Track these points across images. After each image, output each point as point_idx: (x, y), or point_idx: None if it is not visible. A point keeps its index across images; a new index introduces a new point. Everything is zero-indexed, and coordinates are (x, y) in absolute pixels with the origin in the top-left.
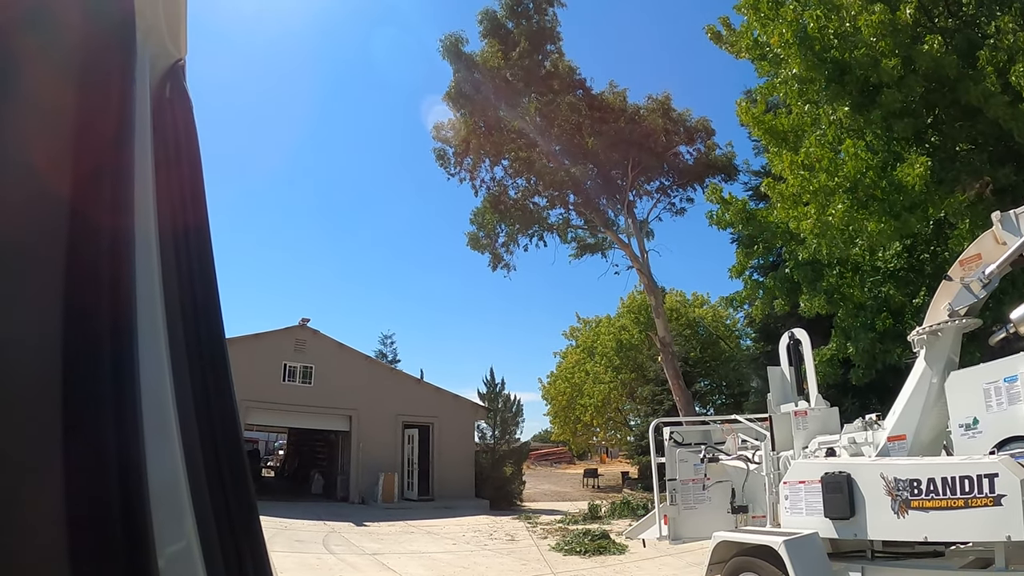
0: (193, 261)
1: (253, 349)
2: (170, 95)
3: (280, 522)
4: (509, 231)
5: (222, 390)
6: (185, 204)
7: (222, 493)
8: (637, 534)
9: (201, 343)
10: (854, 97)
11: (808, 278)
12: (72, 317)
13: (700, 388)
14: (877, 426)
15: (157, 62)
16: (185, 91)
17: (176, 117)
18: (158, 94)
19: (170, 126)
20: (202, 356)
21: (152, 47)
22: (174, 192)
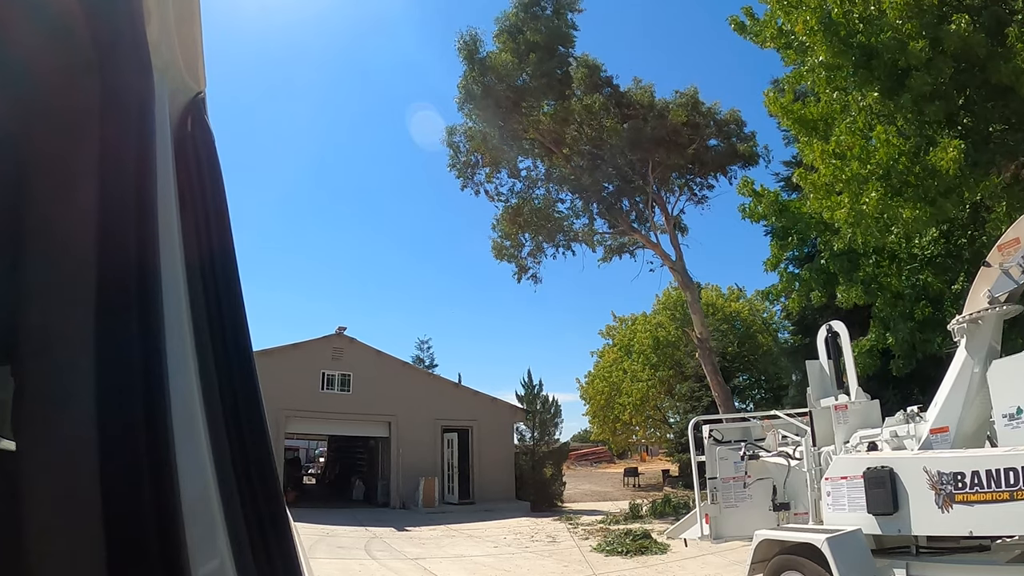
0: (220, 287)
1: (291, 359)
2: (191, 129)
3: (322, 529)
4: (535, 240)
5: (251, 404)
6: (211, 232)
7: (254, 507)
8: (678, 534)
9: (232, 373)
10: (883, 82)
11: (844, 268)
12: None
13: (739, 383)
14: (919, 418)
15: (177, 97)
16: (206, 123)
17: (198, 150)
18: (180, 129)
19: (192, 159)
20: (232, 381)
21: (171, 83)
22: (199, 222)
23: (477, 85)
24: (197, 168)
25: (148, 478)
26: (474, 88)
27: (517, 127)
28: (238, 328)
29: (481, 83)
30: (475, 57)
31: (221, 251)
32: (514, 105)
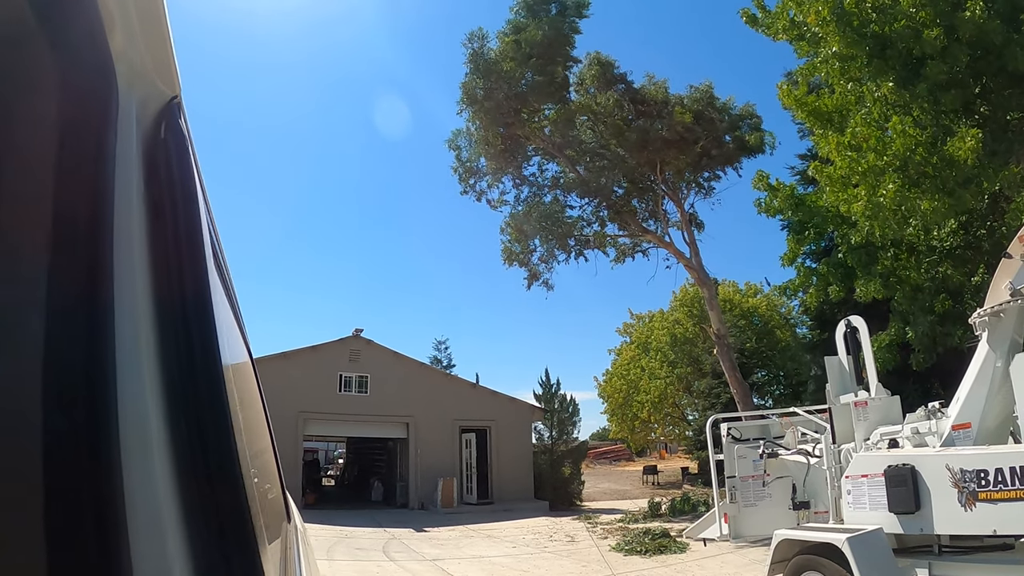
0: (188, 296)
1: (309, 361)
2: (164, 135)
3: (341, 530)
4: (545, 246)
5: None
6: (180, 239)
7: (216, 523)
8: (697, 533)
9: (198, 389)
10: (898, 72)
11: (862, 262)
12: (51, 393)
13: (757, 379)
14: (940, 414)
15: (148, 104)
16: (180, 128)
17: (171, 155)
18: (151, 136)
19: (163, 165)
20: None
21: (140, 90)
22: (170, 229)
23: (479, 88)
24: (168, 175)
25: (87, 488)
26: (476, 92)
27: (519, 133)
28: (206, 343)
29: (483, 87)
30: (479, 58)
31: (191, 257)
32: (515, 112)
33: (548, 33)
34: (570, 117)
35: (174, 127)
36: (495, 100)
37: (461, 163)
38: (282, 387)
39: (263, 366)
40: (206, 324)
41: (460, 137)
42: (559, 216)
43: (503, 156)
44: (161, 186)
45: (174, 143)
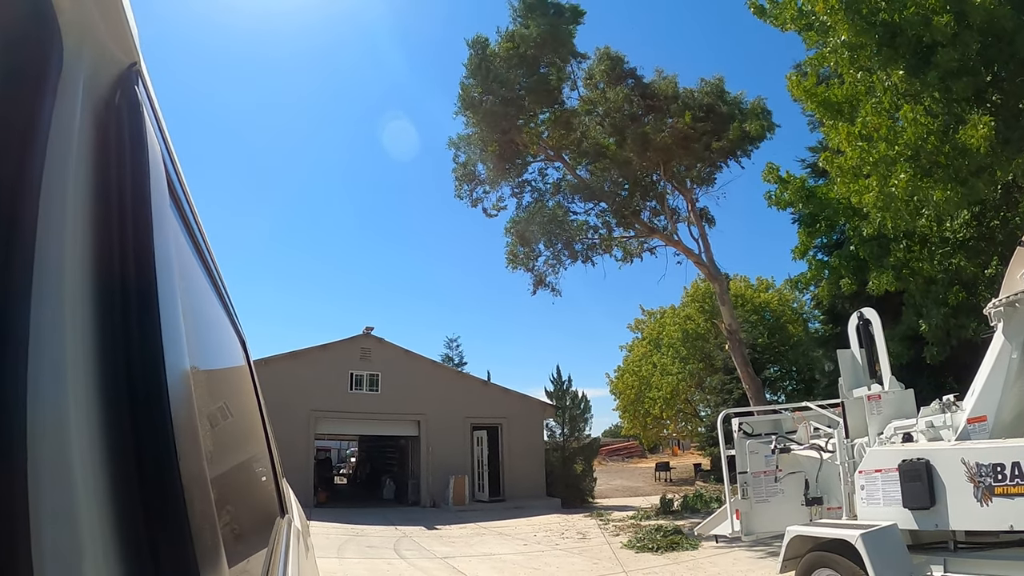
0: (128, 281)
1: (320, 360)
2: (119, 102)
3: (352, 528)
4: (550, 250)
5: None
6: (125, 217)
7: (145, 525)
8: (709, 530)
9: (135, 386)
10: (908, 60)
11: (874, 254)
12: None
13: (770, 375)
14: (955, 407)
15: (99, 71)
16: (135, 97)
17: (122, 128)
18: (101, 106)
19: (113, 139)
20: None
21: (89, 55)
22: (115, 206)
23: (476, 92)
24: (118, 143)
25: None
26: (473, 96)
27: (516, 140)
28: (146, 333)
29: (479, 90)
30: (477, 62)
31: (137, 237)
32: (512, 117)
33: (544, 31)
34: (567, 119)
35: (129, 96)
36: (492, 105)
37: (460, 166)
38: (293, 386)
39: (274, 365)
40: (148, 321)
41: (461, 142)
42: (563, 220)
43: (501, 163)
44: (108, 162)
45: (127, 114)
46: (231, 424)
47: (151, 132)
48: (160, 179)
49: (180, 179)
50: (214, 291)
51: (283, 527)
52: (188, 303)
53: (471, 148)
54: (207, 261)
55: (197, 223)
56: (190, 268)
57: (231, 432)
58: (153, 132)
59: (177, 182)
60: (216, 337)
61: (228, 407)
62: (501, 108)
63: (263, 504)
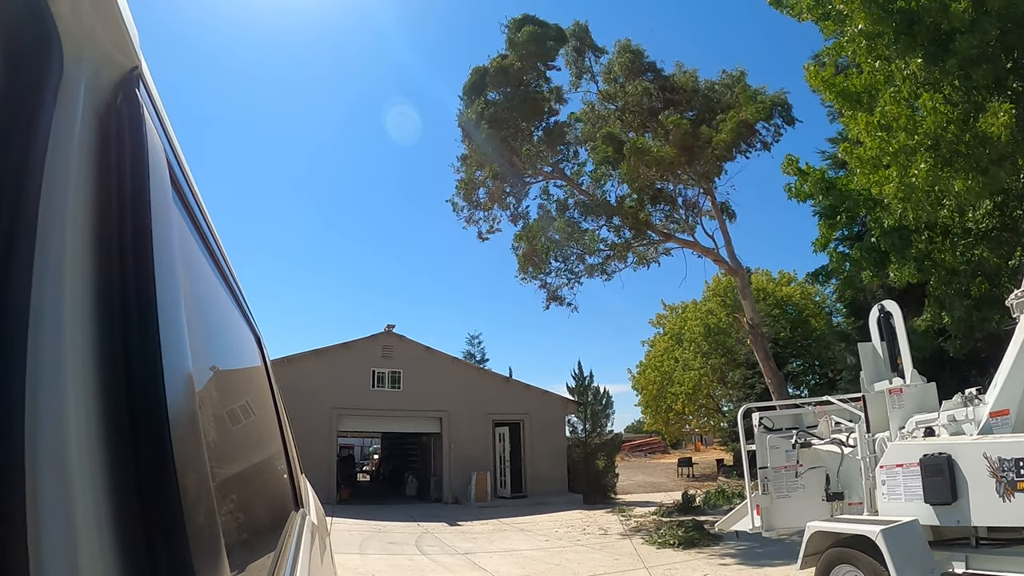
0: (128, 282)
1: (342, 358)
2: (120, 106)
3: (374, 525)
4: (561, 262)
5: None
6: (124, 219)
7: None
8: (729, 525)
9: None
10: (926, 48)
11: (896, 246)
12: None
13: (792, 369)
14: (978, 401)
15: (101, 75)
16: (136, 99)
17: (123, 131)
18: (102, 111)
19: (115, 137)
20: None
21: (90, 60)
22: (115, 210)
23: (472, 120)
24: (118, 147)
25: None
26: (471, 117)
27: (515, 163)
28: (144, 332)
29: (474, 116)
30: (473, 83)
31: (136, 237)
32: (508, 140)
33: (530, 47)
34: (560, 131)
35: (130, 99)
36: (487, 127)
37: (461, 183)
38: (316, 384)
39: (297, 364)
40: (146, 320)
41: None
42: (574, 232)
43: (500, 185)
44: (109, 165)
45: (128, 117)
46: (243, 420)
47: (152, 133)
48: (162, 178)
49: (187, 178)
50: (226, 290)
51: (296, 520)
52: (196, 302)
53: (470, 170)
54: (218, 260)
55: (207, 221)
56: (199, 266)
57: (243, 428)
58: (156, 132)
59: (184, 180)
60: (227, 334)
61: (239, 404)
62: (496, 130)
63: (276, 498)
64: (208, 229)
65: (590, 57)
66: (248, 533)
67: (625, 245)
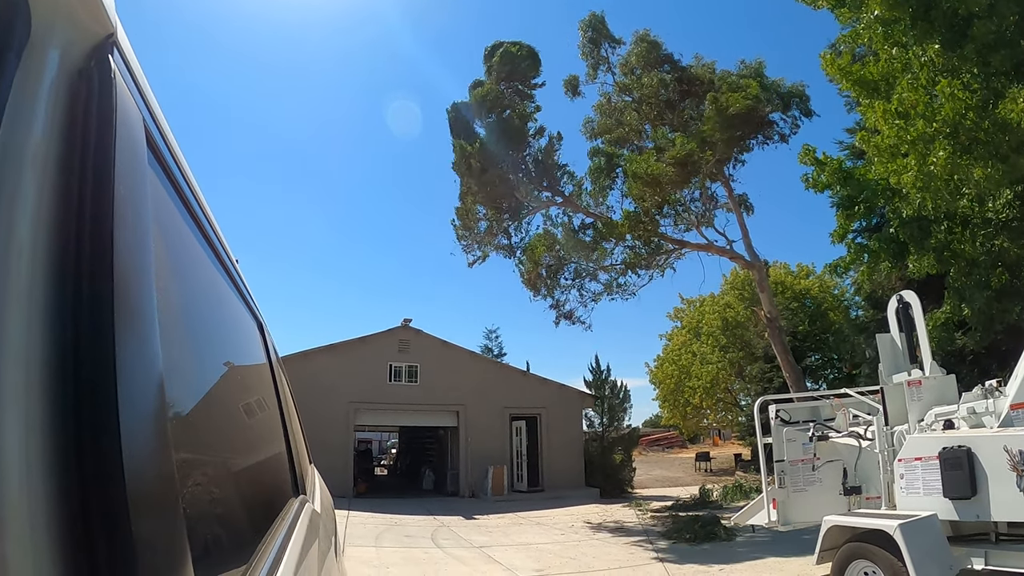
0: (83, 262)
1: (359, 352)
2: (91, 73)
3: (391, 518)
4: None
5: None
6: (86, 190)
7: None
8: (745, 520)
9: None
10: (943, 33)
11: (915, 236)
12: None
13: (811, 363)
14: (998, 393)
15: (73, 43)
16: (109, 66)
17: (91, 94)
18: (77, 73)
19: (83, 104)
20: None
21: (63, 29)
22: (79, 181)
23: (463, 164)
24: (86, 117)
25: None
26: (463, 167)
27: (518, 194)
28: (98, 326)
29: (464, 156)
30: (454, 119)
31: (96, 213)
32: (503, 173)
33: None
34: (549, 150)
35: (103, 66)
36: (480, 161)
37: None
38: (333, 378)
39: (313, 358)
40: (99, 317)
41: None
42: (581, 250)
43: (501, 221)
44: (75, 133)
45: (99, 84)
46: (237, 407)
47: (126, 99)
48: (135, 145)
49: (172, 148)
50: (221, 272)
51: (294, 506)
52: (175, 278)
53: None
54: (210, 238)
55: (196, 196)
56: (185, 243)
57: (236, 415)
58: (132, 99)
59: (168, 152)
60: (219, 318)
61: (233, 391)
62: (487, 170)
63: (271, 483)
64: (198, 204)
65: (606, 48)
66: (235, 517)
67: (638, 258)
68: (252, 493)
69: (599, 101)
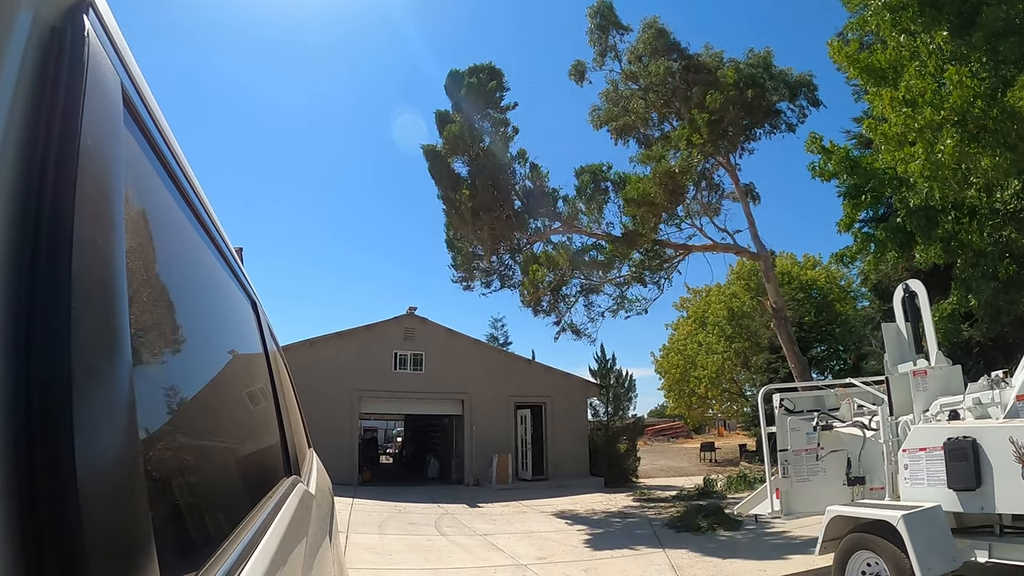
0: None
1: (364, 340)
2: (65, 30)
3: (395, 506)
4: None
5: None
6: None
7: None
8: (748, 509)
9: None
10: (951, 20)
11: (922, 226)
12: None
13: (816, 354)
14: (1004, 384)
15: (47, 3)
16: (82, 27)
17: (62, 52)
18: (49, 31)
19: (53, 61)
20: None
21: None
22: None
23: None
24: (55, 76)
25: None
26: (454, 215)
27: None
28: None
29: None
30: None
31: (59, 164)
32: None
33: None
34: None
35: (76, 27)
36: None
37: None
38: (338, 366)
39: (319, 346)
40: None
41: None
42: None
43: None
44: (43, 90)
45: (71, 45)
46: (221, 382)
47: (99, 59)
48: (108, 103)
49: (153, 114)
50: (205, 238)
51: (284, 485)
52: (154, 241)
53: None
54: (193, 203)
55: (181, 165)
56: (164, 205)
57: (219, 391)
58: (107, 60)
59: (149, 117)
60: (203, 287)
61: (216, 364)
62: (476, 217)
63: (259, 464)
64: (183, 172)
65: (614, 35)
66: (218, 492)
67: (642, 266)
68: (239, 470)
69: (606, 88)
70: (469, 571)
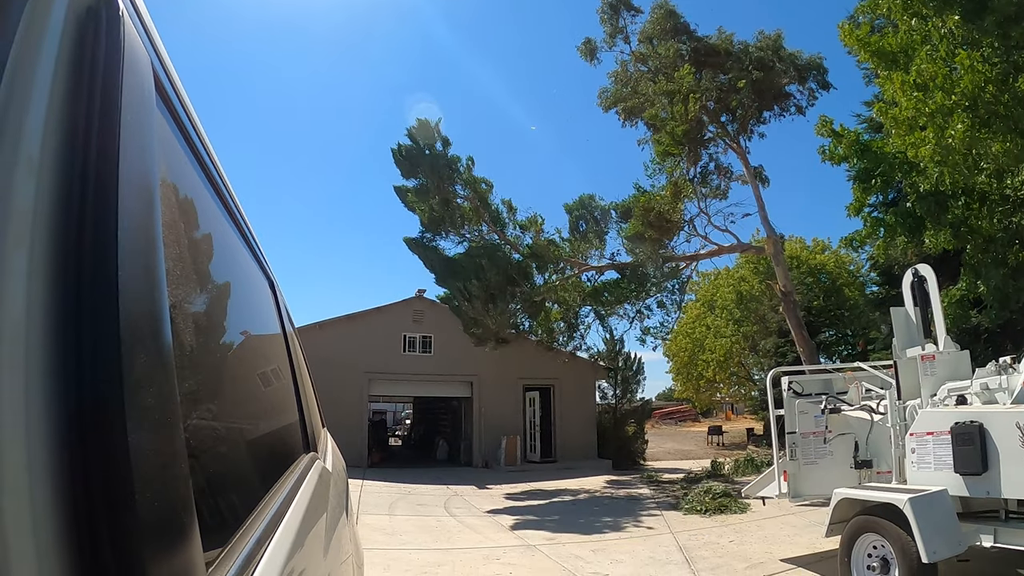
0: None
1: (373, 323)
2: (100, 11)
3: (405, 487)
4: None
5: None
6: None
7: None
8: (756, 492)
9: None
10: (963, 4)
11: (932, 211)
12: None
13: (825, 339)
14: (1012, 369)
15: None
16: (117, 8)
17: (99, 33)
18: (84, 11)
19: (90, 42)
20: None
21: None
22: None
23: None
24: (93, 56)
25: None
26: (460, 311)
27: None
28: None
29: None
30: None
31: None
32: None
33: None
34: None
35: (110, 8)
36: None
37: None
38: (348, 348)
39: (329, 329)
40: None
41: None
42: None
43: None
44: (83, 70)
45: (106, 25)
46: (243, 362)
47: (133, 41)
48: (143, 83)
49: (180, 95)
50: (228, 219)
51: (304, 461)
52: (183, 220)
53: None
54: (218, 185)
55: (206, 147)
56: (192, 186)
57: (246, 372)
58: (140, 42)
59: (176, 98)
60: (227, 266)
61: (239, 344)
62: (482, 304)
63: (280, 440)
64: (207, 153)
65: (625, 16)
66: (244, 467)
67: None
68: (264, 445)
69: (615, 70)
70: (479, 551)
